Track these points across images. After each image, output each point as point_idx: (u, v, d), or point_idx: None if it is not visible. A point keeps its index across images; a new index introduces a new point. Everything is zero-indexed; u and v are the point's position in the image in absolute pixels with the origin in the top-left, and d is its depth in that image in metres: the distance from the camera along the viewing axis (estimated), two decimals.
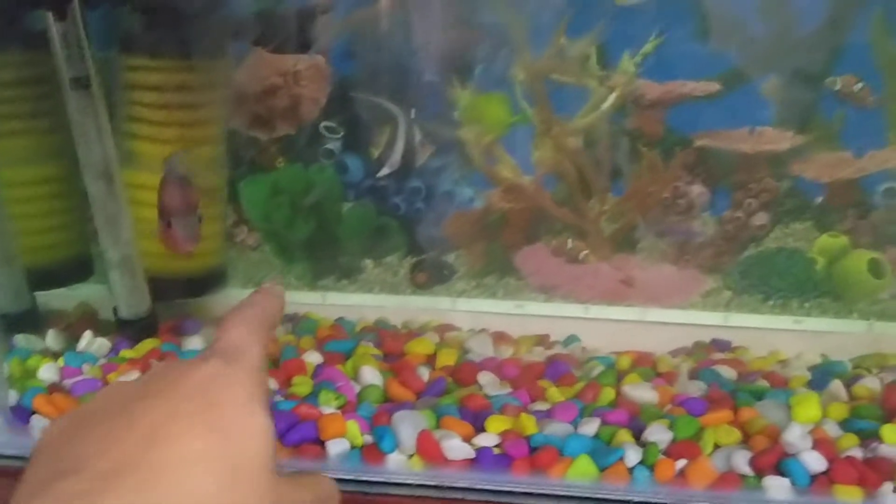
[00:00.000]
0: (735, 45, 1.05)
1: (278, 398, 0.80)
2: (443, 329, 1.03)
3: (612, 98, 1.08)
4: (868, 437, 0.72)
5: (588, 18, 1.06)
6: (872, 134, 1.06)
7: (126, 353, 0.91)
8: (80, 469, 0.34)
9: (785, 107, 1.07)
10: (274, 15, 1.00)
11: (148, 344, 0.92)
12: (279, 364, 0.87)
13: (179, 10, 0.88)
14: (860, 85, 1.04)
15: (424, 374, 0.86)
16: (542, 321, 1.09)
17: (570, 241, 1.13)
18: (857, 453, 0.71)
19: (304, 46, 0.91)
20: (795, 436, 0.70)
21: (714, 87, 1.06)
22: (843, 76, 1.05)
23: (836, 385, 0.82)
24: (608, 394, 0.82)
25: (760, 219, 1.07)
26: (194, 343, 0.93)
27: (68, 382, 0.86)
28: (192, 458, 0.35)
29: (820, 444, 0.71)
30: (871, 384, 0.82)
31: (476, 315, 1.09)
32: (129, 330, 0.93)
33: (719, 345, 1.01)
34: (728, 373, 0.89)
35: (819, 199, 1.08)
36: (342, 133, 1.13)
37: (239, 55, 1.08)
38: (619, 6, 1.06)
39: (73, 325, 1.00)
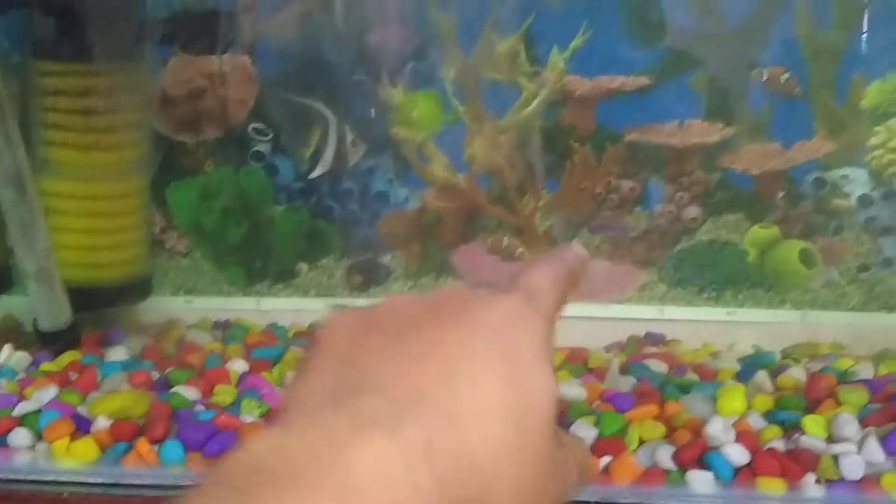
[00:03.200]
0: (662, 39, 1.06)
1: (199, 408, 0.78)
2: None
3: (542, 94, 1.07)
4: (791, 429, 0.72)
5: (516, 15, 1.06)
6: (800, 124, 1.07)
7: (46, 365, 0.89)
8: (378, 389, 0.32)
9: (713, 99, 1.07)
10: (190, 16, 0.98)
11: (68, 356, 0.89)
12: (202, 373, 0.85)
13: (91, 13, 0.85)
14: (787, 75, 1.05)
15: None
16: None
17: (505, 238, 1.12)
18: (780, 445, 0.71)
19: (223, 47, 0.89)
20: (717, 429, 0.70)
21: (643, 81, 1.06)
22: (769, 67, 1.05)
23: (762, 376, 0.82)
24: None
25: (692, 212, 1.07)
26: (117, 354, 0.91)
27: None
28: (490, 403, 0.32)
29: (743, 436, 0.71)
30: (796, 374, 0.82)
31: None
32: (49, 342, 0.91)
33: (653, 338, 1.01)
34: (659, 366, 0.89)
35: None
36: (271, 135, 1.11)
37: (163, 58, 1.07)
38: (546, 2, 1.06)
39: None
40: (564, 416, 0.77)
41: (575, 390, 0.81)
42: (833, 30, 1.04)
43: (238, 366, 0.86)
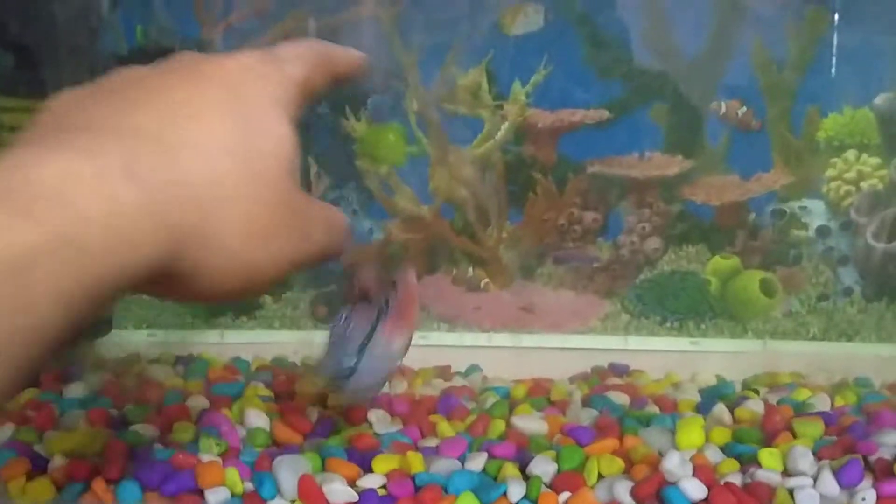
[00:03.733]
0: (622, 73, 1.07)
1: (157, 446, 0.77)
2: None
3: (505, 127, 1.08)
4: (748, 462, 0.73)
5: (478, 48, 1.07)
6: (758, 156, 1.09)
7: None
8: (93, 128, 0.32)
9: (672, 132, 1.09)
10: (150, 51, 0.98)
11: (26, 394, 0.88)
12: (161, 410, 0.84)
13: (48, 49, 0.85)
14: (744, 109, 1.06)
15: (314, 414, 0.85)
16: (445, 351, 1.08)
17: (470, 269, 1.13)
18: (737, 479, 0.71)
19: None
20: (674, 463, 0.70)
21: (604, 114, 1.07)
22: (727, 100, 1.07)
23: (720, 409, 0.83)
24: (498, 426, 0.82)
25: (653, 242, 1.09)
26: (75, 390, 0.90)
27: None
28: (212, 141, 0.33)
29: (700, 470, 0.71)
30: (753, 407, 0.83)
31: None
32: None
33: (617, 369, 1.02)
34: (620, 398, 0.89)
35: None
36: None
37: None
38: (508, 36, 1.07)
39: None
40: (525, 451, 0.77)
41: (536, 424, 0.81)
42: (788, 63, 1.06)
43: (198, 402, 0.86)
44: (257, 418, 0.82)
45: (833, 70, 1.05)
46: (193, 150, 0.32)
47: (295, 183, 0.36)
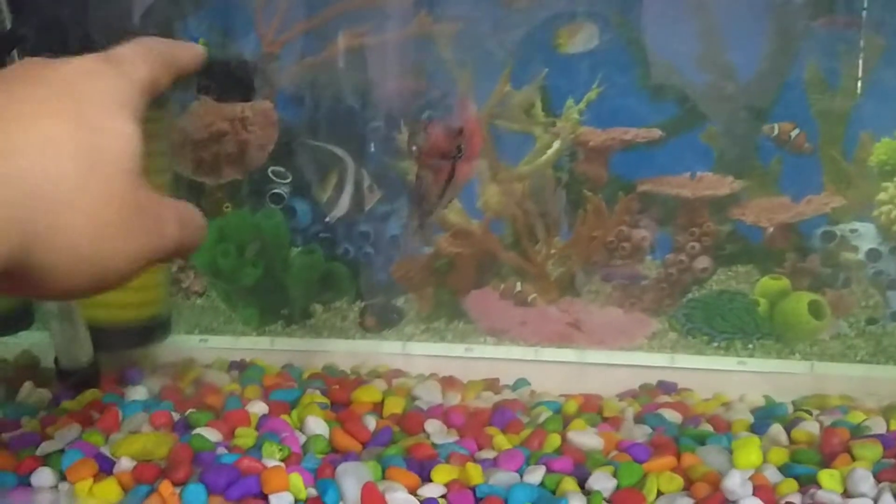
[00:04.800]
0: (675, 94, 1.08)
1: (221, 450, 0.79)
2: (391, 375, 1.02)
3: (556, 144, 1.10)
4: (807, 483, 0.73)
5: (532, 66, 1.08)
6: (809, 179, 1.09)
7: (67, 404, 0.89)
8: None
9: (724, 153, 1.09)
10: (217, 64, 1.00)
11: (89, 395, 0.90)
12: (222, 415, 0.86)
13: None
14: (797, 132, 1.07)
15: (371, 422, 0.86)
16: (492, 364, 1.09)
17: (518, 284, 1.14)
18: (797, 499, 0.72)
19: (247, 95, 0.91)
20: (735, 483, 0.71)
21: (656, 133, 1.08)
22: (780, 123, 1.08)
23: (777, 429, 0.83)
24: (554, 440, 0.83)
25: (703, 262, 1.09)
26: (138, 393, 0.91)
27: (6, 436, 0.84)
28: (49, 141, 0.33)
29: (760, 490, 0.72)
30: (810, 428, 0.84)
31: (426, 359, 1.10)
32: (70, 380, 0.92)
33: (665, 387, 1.02)
34: (673, 416, 0.90)
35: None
36: (290, 178, 1.13)
37: (183, 102, 1.09)
38: (562, 55, 1.09)
39: (13, 374, 0.98)
40: (581, 466, 0.78)
41: (592, 439, 0.82)
42: (841, 88, 1.07)
43: (257, 408, 0.87)
44: (317, 425, 0.83)
45: (886, 95, 1.05)
46: (34, 151, 0.33)
47: (141, 180, 0.36)
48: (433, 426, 0.85)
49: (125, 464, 0.77)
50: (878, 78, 1.06)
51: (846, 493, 0.72)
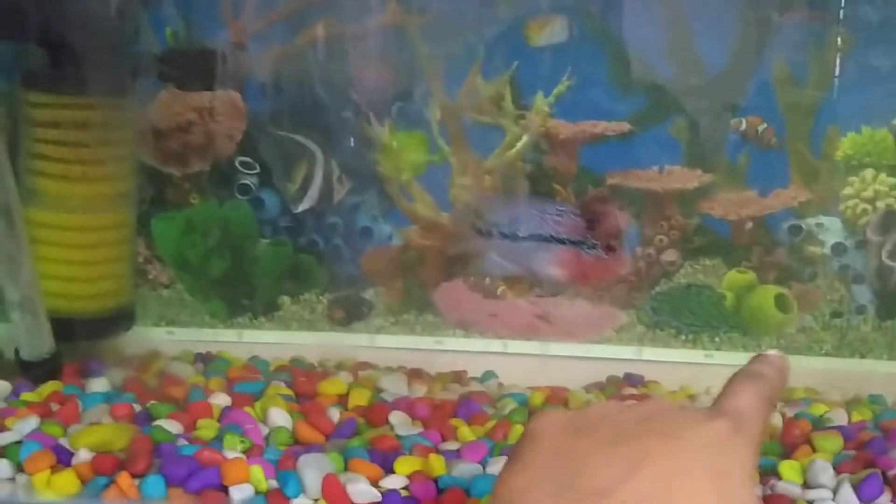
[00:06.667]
0: (644, 87, 1.08)
1: (182, 442, 0.78)
2: (357, 368, 1.02)
3: (526, 137, 1.09)
4: (767, 474, 0.74)
5: (502, 59, 1.08)
6: (776, 173, 1.10)
7: (27, 395, 0.88)
8: (602, 493, 0.34)
9: (692, 147, 1.10)
10: (183, 53, 0.99)
11: (50, 387, 0.89)
12: (184, 407, 0.85)
13: (85, 47, 0.86)
14: (764, 126, 1.08)
15: (335, 414, 0.85)
16: (461, 356, 1.09)
17: (487, 277, 1.14)
18: (757, 490, 0.72)
19: (209, 84, 0.90)
20: None
21: (625, 127, 1.08)
22: (748, 117, 1.08)
23: None
24: (518, 432, 0.83)
25: (670, 255, 1.10)
26: (99, 385, 0.90)
27: None
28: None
29: None
30: (772, 420, 0.84)
31: (395, 351, 1.09)
32: (30, 372, 0.90)
33: (632, 379, 1.03)
34: None
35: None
36: (258, 169, 1.12)
37: (152, 91, 1.08)
38: (532, 47, 1.08)
39: None
40: None
41: None
42: (809, 82, 1.08)
43: (220, 400, 0.86)
44: (280, 417, 0.83)
45: (853, 90, 1.06)
46: None
47: None
48: (397, 418, 0.85)
49: (84, 455, 0.76)
50: (845, 73, 1.07)
51: (806, 485, 0.72)
